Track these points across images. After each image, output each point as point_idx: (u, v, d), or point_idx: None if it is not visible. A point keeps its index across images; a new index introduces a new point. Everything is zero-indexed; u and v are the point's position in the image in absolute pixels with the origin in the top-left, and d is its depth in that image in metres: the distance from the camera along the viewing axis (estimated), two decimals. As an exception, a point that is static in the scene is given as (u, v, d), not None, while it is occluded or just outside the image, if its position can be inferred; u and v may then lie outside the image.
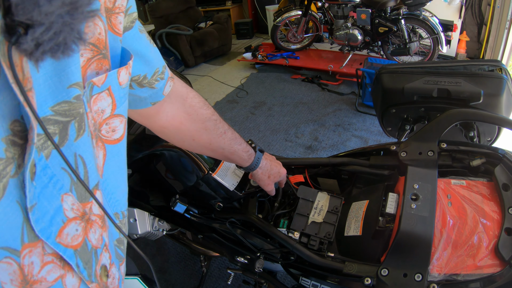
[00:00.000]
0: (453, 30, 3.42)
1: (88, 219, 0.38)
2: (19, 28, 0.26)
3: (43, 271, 0.34)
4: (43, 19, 0.26)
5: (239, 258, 1.09)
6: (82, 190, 0.37)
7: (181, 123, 0.66)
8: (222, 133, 0.72)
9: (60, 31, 0.28)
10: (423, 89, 1.11)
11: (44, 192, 0.32)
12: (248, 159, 0.81)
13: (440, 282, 0.69)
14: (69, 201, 0.36)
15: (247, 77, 4.09)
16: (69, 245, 0.36)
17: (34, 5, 0.26)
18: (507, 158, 0.79)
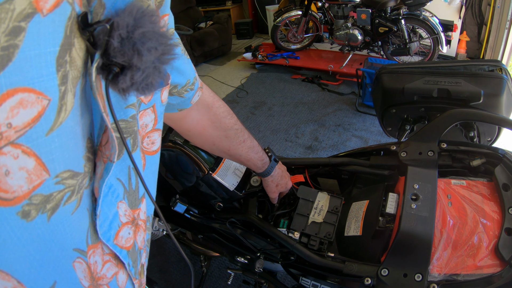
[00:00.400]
0: (453, 30, 3.42)
1: (136, 224, 0.43)
2: (114, 67, 0.30)
3: (104, 269, 0.39)
4: (141, 65, 0.31)
5: (239, 258, 1.09)
6: (133, 198, 0.42)
7: (204, 129, 0.70)
8: (242, 142, 0.77)
9: (151, 74, 0.32)
10: (423, 89, 1.11)
11: (105, 200, 0.37)
12: (262, 167, 0.86)
13: (440, 282, 0.69)
14: (123, 208, 0.40)
15: (247, 77, 4.09)
16: (123, 246, 0.41)
17: (135, 52, 0.30)
18: (507, 158, 0.79)
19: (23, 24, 0.24)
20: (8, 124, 0.25)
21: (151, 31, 0.31)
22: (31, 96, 0.26)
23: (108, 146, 0.35)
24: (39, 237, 0.30)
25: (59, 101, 0.28)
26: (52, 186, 0.29)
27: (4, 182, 0.26)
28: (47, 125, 0.27)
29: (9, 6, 0.23)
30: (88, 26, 0.29)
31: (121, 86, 0.31)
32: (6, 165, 0.26)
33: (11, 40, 0.24)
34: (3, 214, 0.27)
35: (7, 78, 0.24)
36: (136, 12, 0.31)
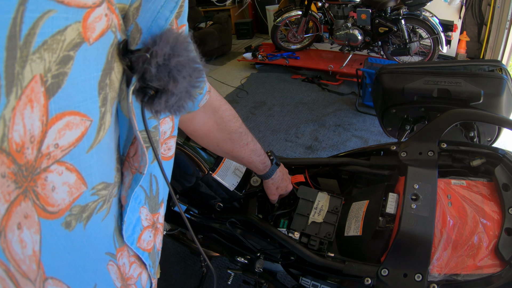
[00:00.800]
0: (453, 30, 3.42)
1: (156, 227, 0.46)
2: (149, 90, 0.33)
3: (131, 270, 0.42)
4: (176, 90, 0.34)
5: (239, 258, 1.09)
6: (153, 203, 0.44)
7: (210, 130, 0.72)
8: (245, 145, 0.79)
9: (183, 97, 0.35)
10: (423, 89, 1.10)
11: (130, 205, 0.39)
12: (263, 170, 0.87)
13: (440, 282, 0.69)
14: (144, 213, 0.43)
15: (247, 77, 4.09)
16: (145, 249, 0.43)
17: (170, 78, 0.33)
18: (507, 158, 0.79)
19: (72, 53, 0.26)
20: (55, 145, 0.27)
21: (186, 59, 0.34)
22: (76, 119, 0.28)
23: (137, 158, 0.38)
24: (79, 244, 0.32)
25: (99, 121, 0.31)
26: (88, 197, 0.32)
27: (51, 197, 0.28)
28: (88, 143, 0.30)
29: (61, 37, 0.25)
30: (128, 52, 0.32)
31: (156, 108, 0.34)
32: (53, 181, 0.28)
33: (61, 69, 0.26)
34: (51, 226, 0.29)
35: (57, 103, 0.26)
36: (172, 41, 0.33)
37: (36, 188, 0.27)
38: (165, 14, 0.35)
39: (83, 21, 0.26)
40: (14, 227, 0.25)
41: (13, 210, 0.25)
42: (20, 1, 0.22)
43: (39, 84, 0.25)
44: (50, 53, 0.25)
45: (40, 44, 0.24)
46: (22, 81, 0.23)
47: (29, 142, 0.25)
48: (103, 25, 0.28)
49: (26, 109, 0.24)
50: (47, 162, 0.27)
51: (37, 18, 0.23)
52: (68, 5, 0.25)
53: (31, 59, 0.24)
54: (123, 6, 0.32)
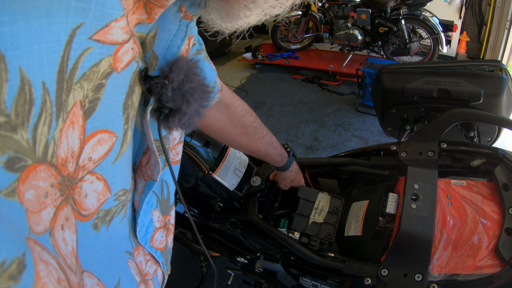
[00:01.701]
0: (453, 30, 3.42)
1: (167, 227, 0.51)
2: (164, 110, 0.38)
3: (147, 267, 0.47)
4: (188, 111, 0.39)
5: (239, 258, 1.09)
6: (165, 206, 0.49)
7: (224, 126, 0.75)
8: (260, 138, 0.81)
9: (193, 116, 0.40)
10: (423, 89, 1.10)
11: (143, 209, 0.44)
12: (281, 161, 0.90)
13: (440, 282, 0.69)
14: (156, 215, 0.47)
15: (247, 77, 4.09)
16: (158, 248, 0.48)
17: (183, 100, 0.38)
18: (507, 158, 0.79)
19: (104, 81, 0.31)
20: (89, 158, 0.32)
21: (197, 84, 0.39)
22: (105, 136, 0.33)
23: (149, 167, 0.43)
24: (104, 243, 0.37)
25: (123, 137, 0.36)
26: (111, 203, 0.37)
27: (84, 203, 0.33)
28: (114, 156, 0.35)
29: (96, 69, 0.30)
30: (148, 78, 0.37)
31: (170, 125, 0.39)
32: (86, 189, 0.33)
33: (96, 95, 0.31)
34: (84, 227, 0.34)
35: (92, 123, 0.31)
36: (186, 69, 0.38)
37: (74, 195, 0.32)
38: (177, 42, 0.41)
39: (114, 55, 0.31)
40: (59, 228, 0.30)
41: (59, 214, 0.30)
42: (67, 42, 0.26)
43: (79, 108, 0.29)
44: (88, 82, 0.29)
45: (81, 75, 0.29)
46: (67, 107, 0.28)
47: (71, 157, 0.30)
48: (129, 57, 0.33)
49: (69, 129, 0.29)
50: (83, 173, 0.32)
51: (79, 55, 0.28)
52: (103, 43, 0.30)
53: (74, 89, 0.28)
54: (141, 35, 0.38)
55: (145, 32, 0.38)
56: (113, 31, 0.30)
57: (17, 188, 0.24)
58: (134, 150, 0.42)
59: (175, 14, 0.40)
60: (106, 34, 0.30)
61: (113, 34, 0.30)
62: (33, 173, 0.26)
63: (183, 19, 0.41)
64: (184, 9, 0.41)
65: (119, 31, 0.31)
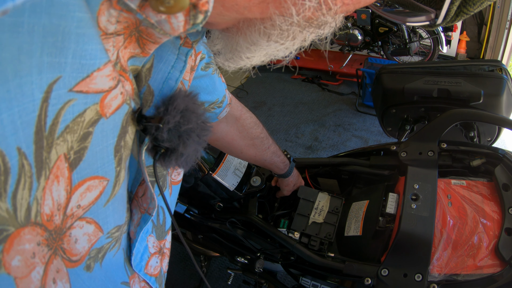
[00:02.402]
0: (453, 30, 3.42)
1: (162, 252, 0.49)
2: (160, 149, 0.36)
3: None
4: (185, 151, 0.36)
5: (239, 258, 1.09)
6: (160, 231, 0.47)
7: (233, 139, 0.75)
8: (267, 148, 0.82)
9: (191, 155, 0.38)
10: (423, 89, 1.10)
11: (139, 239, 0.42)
12: (284, 168, 0.91)
13: (440, 282, 0.69)
14: (151, 241, 0.45)
15: (247, 77, 4.09)
16: (152, 274, 0.47)
17: (180, 141, 0.35)
18: (507, 158, 0.79)
19: (90, 129, 0.29)
20: (77, 206, 0.30)
21: (195, 124, 0.37)
22: (95, 182, 0.31)
23: (145, 199, 0.40)
24: (100, 280, 0.36)
25: (115, 179, 0.34)
26: (104, 241, 0.35)
27: (74, 248, 0.32)
28: (105, 199, 0.33)
29: (81, 119, 0.28)
30: (142, 118, 0.35)
31: (166, 165, 0.37)
32: (76, 235, 0.31)
33: (82, 144, 0.29)
34: (76, 272, 0.32)
35: (78, 173, 0.29)
36: (182, 107, 0.36)
37: (63, 245, 0.30)
38: (175, 74, 0.38)
39: (100, 102, 0.29)
40: (50, 283, 0.29)
41: (49, 269, 0.28)
42: (43, 99, 0.24)
43: (63, 161, 0.28)
44: (72, 134, 0.28)
45: (63, 129, 0.27)
46: (49, 163, 0.26)
47: (57, 210, 0.28)
48: (118, 101, 0.31)
49: (54, 185, 0.27)
50: (71, 221, 0.30)
51: (59, 109, 0.26)
52: (87, 93, 0.27)
53: (56, 144, 0.27)
54: (136, 68, 0.35)
55: (140, 65, 0.35)
56: (96, 80, 0.28)
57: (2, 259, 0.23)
58: (130, 179, 0.40)
59: (174, 42, 0.37)
60: (89, 84, 0.27)
61: (96, 83, 0.28)
62: (17, 239, 0.25)
63: (182, 46, 0.38)
64: (184, 35, 0.38)
65: (103, 80, 0.28)
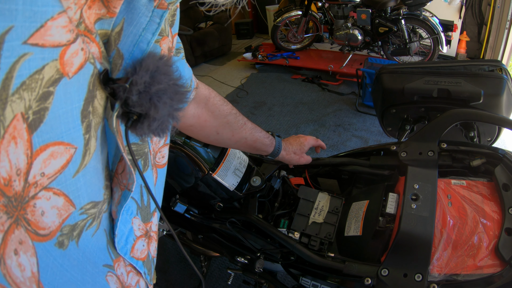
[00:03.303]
0: (453, 30, 3.41)
1: (149, 235, 0.48)
2: (132, 115, 0.34)
3: (129, 278, 0.44)
4: (158, 116, 0.35)
5: (239, 258, 1.09)
6: (145, 213, 0.46)
7: (206, 120, 0.72)
8: (243, 124, 0.79)
9: (165, 121, 0.36)
10: (423, 89, 1.10)
11: (121, 218, 0.41)
12: (271, 144, 0.86)
13: (440, 282, 0.69)
14: (137, 223, 0.44)
15: (247, 77, 4.09)
16: (139, 258, 0.45)
17: (151, 105, 0.34)
18: (507, 158, 0.79)
19: (51, 88, 0.27)
20: (41, 174, 0.29)
21: (167, 85, 0.35)
22: (60, 148, 0.30)
23: (125, 175, 0.39)
24: (75, 260, 0.34)
25: (84, 147, 0.32)
26: (77, 217, 0.34)
27: (41, 221, 0.30)
28: (74, 169, 0.32)
29: (39, 76, 0.26)
30: (109, 81, 0.33)
31: (139, 133, 0.36)
32: (42, 206, 0.30)
33: (42, 104, 0.27)
34: (45, 247, 0.31)
35: (40, 137, 0.28)
36: (152, 68, 0.34)
37: (26, 215, 0.29)
38: (147, 37, 0.36)
39: (59, 59, 0.28)
40: (11, 254, 0.27)
41: (8, 239, 0.27)
42: None
43: (21, 121, 0.26)
44: (29, 92, 0.26)
45: (18, 85, 0.25)
46: (4, 121, 0.25)
47: (16, 175, 0.27)
48: (80, 59, 0.29)
49: (10, 145, 0.26)
50: (35, 190, 0.29)
51: (13, 63, 0.24)
52: (43, 46, 0.26)
53: (11, 100, 0.25)
54: (105, 32, 0.33)
55: (109, 28, 0.34)
56: (51, 31, 0.26)
57: None
58: (110, 157, 0.39)
59: (147, 4, 0.35)
60: (44, 36, 0.26)
61: (53, 35, 0.26)
62: None
63: (156, 8, 0.36)
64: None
65: (59, 31, 0.27)
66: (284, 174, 1.05)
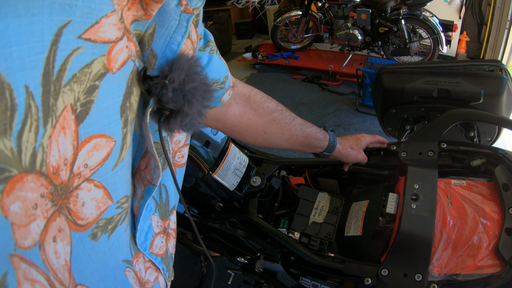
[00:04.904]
0: (453, 30, 3.42)
1: (167, 232, 0.49)
2: (165, 111, 0.36)
3: (147, 275, 0.45)
4: (190, 112, 0.37)
5: (239, 258, 1.09)
6: (163, 210, 0.47)
7: (250, 119, 0.70)
8: (292, 120, 0.74)
9: (195, 117, 0.38)
10: (423, 89, 1.10)
11: (142, 215, 0.42)
12: (324, 138, 0.80)
13: (440, 282, 0.69)
14: (155, 220, 0.45)
15: (247, 77, 4.09)
16: (158, 254, 0.46)
17: (185, 101, 0.36)
18: (507, 158, 0.79)
19: (97, 82, 0.29)
20: (85, 165, 0.30)
21: (199, 84, 0.37)
22: (102, 140, 0.31)
23: (149, 171, 0.40)
24: (102, 253, 0.35)
25: (122, 141, 0.34)
26: (113, 211, 0.35)
27: (81, 212, 0.31)
28: (113, 162, 0.33)
29: (88, 70, 0.28)
30: (146, 78, 0.35)
31: (172, 127, 0.38)
32: (83, 198, 0.31)
33: (88, 97, 0.29)
34: (80, 238, 0.32)
35: (85, 128, 0.29)
36: (186, 67, 0.36)
37: (69, 205, 0.30)
38: (177, 39, 0.39)
39: (107, 54, 0.29)
40: (50, 240, 0.28)
41: (50, 225, 0.28)
42: (52, 42, 0.25)
43: (70, 112, 0.28)
44: (79, 85, 0.28)
45: (70, 77, 0.27)
46: (56, 111, 0.27)
47: (63, 165, 0.28)
48: (124, 56, 0.31)
49: (60, 135, 0.27)
50: (78, 180, 0.30)
51: (68, 55, 0.26)
52: (94, 42, 0.28)
53: (63, 91, 0.27)
54: (139, 33, 0.36)
55: (142, 30, 0.36)
56: (104, 28, 0.28)
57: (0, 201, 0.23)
58: (132, 154, 0.40)
59: (175, 9, 0.38)
60: (97, 32, 0.28)
61: (104, 31, 0.28)
62: (19, 184, 0.24)
63: (183, 13, 0.39)
64: (184, 2, 0.39)
65: (110, 28, 0.29)
66: (284, 174, 1.05)
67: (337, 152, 0.84)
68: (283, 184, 1.05)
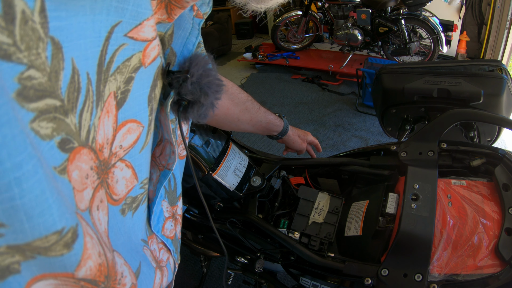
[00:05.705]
0: (453, 30, 3.42)
1: (175, 218, 0.54)
2: (183, 102, 0.41)
3: (160, 254, 0.49)
4: (206, 102, 0.41)
5: (239, 258, 1.09)
6: (172, 197, 0.52)
7: (228, 108, 0.79)
8: (258, 109, 0.87)
9: (209, 107, 0.43)
10: (423, 89, 1.10)
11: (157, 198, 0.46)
12: (280, 124, 0.95)
13: (440, 282, 0.69)
14: (165, 205, 0.50)
15: (247, 77, 4.09)
16: (168, 236, 0.51)
17: (202, 93, 0.40)
18: (507, 158, 0.79)
19: (133, 74, 0.34)
20: (120, 146, 0.35)
21: (213, 78, 0.42)
22: (134, 125, 0.36)
23: (164, 157, 0.45)
24: (128, 229, 0.40)
25: (148, 127, 0.39)
26: (138, 190, 0.40)
27: (115, 188, 0.36)
28: (141, 145, 0.38)
29: (128, 63, 0.33)
30: (170, 72, 0.40)
31: (189, 116, 0.42)
32: (117, 175, 0.35)
33: (126, 87, 0.34)
34: (114, 211, 0.36)
35: (123, 113, 0.34)
36: (203, 64, 0.41)
37: (108, 180, 0.34)
38: (192, 40, 0.44)
39: (143, 51, 0.34)
40: (95, 208, 0.32)
41: (96, 195, 0.32)
42: (106, 38, 0.30)
43: (113, 98, 0.33)
44: (121, 75, 0.33)
45: (115, 68, 0.32)
46: (104, 97, 0.31)
47: (106, 143, 0.33)
48: (155, 53, 0.36)
49: (105, 118, 0.32)
50: (115, 159, 0.35)
51: (115, 50, 0.31)
52: (136, 40, 0.33)
53: (109, 80, 0.31)
54: (160, 33, 0.40)
55: (163, 31, 0.40)
56: (144, 29, 0.33)
57: (67, 167, 0.27)
58: None
59: (189, 13, 0.43)
60: (139, 32, 0.33)
61: (144, 32, 0.33)
62: (78, 155, 0.29)
63: (195, 17, 0.44)
64: (196, 7, 0.44)
65: (149, 29, 0.34)
66: (284, 174, 1.05)
67: (287, 137, 1.00)
68: (283, 184, 1.05)
